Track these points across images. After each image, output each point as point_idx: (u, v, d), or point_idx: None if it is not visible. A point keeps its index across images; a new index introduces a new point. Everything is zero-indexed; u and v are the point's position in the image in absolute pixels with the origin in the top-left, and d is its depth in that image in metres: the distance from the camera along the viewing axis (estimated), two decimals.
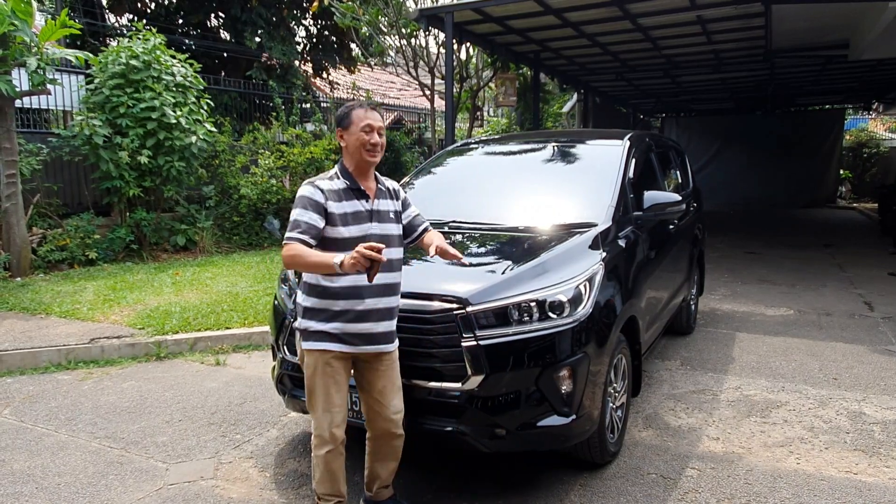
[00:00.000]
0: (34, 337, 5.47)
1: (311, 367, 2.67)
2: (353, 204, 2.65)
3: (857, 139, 21.42)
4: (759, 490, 3.20)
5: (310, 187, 2.62)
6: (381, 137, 2.69)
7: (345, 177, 2.68)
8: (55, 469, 3.52)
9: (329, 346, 2.64)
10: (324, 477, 2.73)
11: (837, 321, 6.33)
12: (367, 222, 2.66)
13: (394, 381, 2.78)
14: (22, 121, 9.36)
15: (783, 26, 9.81)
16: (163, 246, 9.44)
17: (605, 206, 3.88)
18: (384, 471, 2.91)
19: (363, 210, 2.66)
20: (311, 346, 2.66)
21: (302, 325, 2.69)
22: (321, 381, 2.66)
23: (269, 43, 13.92)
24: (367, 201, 2.69)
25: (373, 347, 2.69)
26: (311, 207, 2.57)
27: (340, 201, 2.62)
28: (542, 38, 11.13)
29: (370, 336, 2.67)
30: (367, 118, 2.66)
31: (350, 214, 2.63)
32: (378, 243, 2.35)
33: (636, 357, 3.78)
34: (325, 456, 2.70)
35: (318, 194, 2.59)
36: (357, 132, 2.64)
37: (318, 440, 2.70)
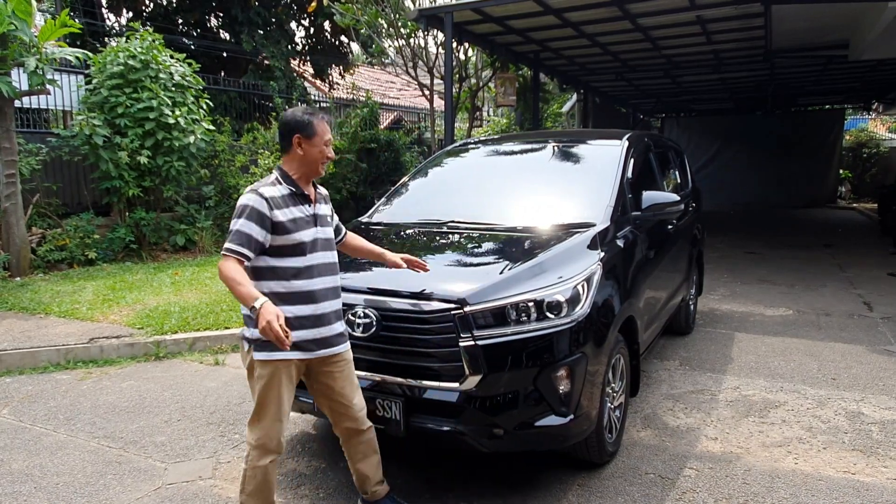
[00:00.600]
0: (33, 337, 5.47)
1: (266, 377, 2.57)
2: (300, 209, 2.62)
3: (857, 139, 21.42)
4: (756, 490, 3.20)
5: (254, 195, 2.53)
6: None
7: (288, 182, 2.63)
8: (54, 469, 3.53)
9: (290, 356, 2.57)
10: (260, 488, 2.64)
11: (836, 321, 6.33)
12: (312, 227, 2.64)
13: (352, 380, 2.79)
14: (21, 121, 9.36)
15: (783, 26, 9.81)
16: (162, 246, 9.45)
17: (603, 206, 3.88)
18: (369, 468, 2.91)
19: (307, 215, 2.64)
20: (268, 356, 2.55)
21: (254, 334, 2.53)
22: (276, 392, 2.58)
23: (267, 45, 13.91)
24: (310, 206, 2.67)
25: (328, 350, 2.67)
26: (254, 219, 2.49)
27: (287, 207, 2.57)
28: (541, 38, 11.13)
29: (326, 340, 2.65)
30: (328, 132, 2.67)
31: (297, 219, 2.59)
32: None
33: (634, 357, 3.78)
34: (268, 466, 2.63)
35: (262, 204, 2.51)
36: (320, 145, 2.63)
37: (262, 450, 2.61)
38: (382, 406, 3.03)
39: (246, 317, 2.61)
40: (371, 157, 12.20)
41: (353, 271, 3.34)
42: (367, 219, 4.50)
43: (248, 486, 2.65)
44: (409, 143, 14.50)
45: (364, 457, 2.89)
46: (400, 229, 4.16)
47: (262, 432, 2.61)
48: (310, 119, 2.64)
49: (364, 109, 12.38)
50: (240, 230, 2.48)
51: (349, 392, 2.77)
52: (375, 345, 3.06)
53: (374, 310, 3.05)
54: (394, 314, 3.03)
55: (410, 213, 4.37)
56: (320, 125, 2.64)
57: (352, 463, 2.92)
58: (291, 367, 2.61)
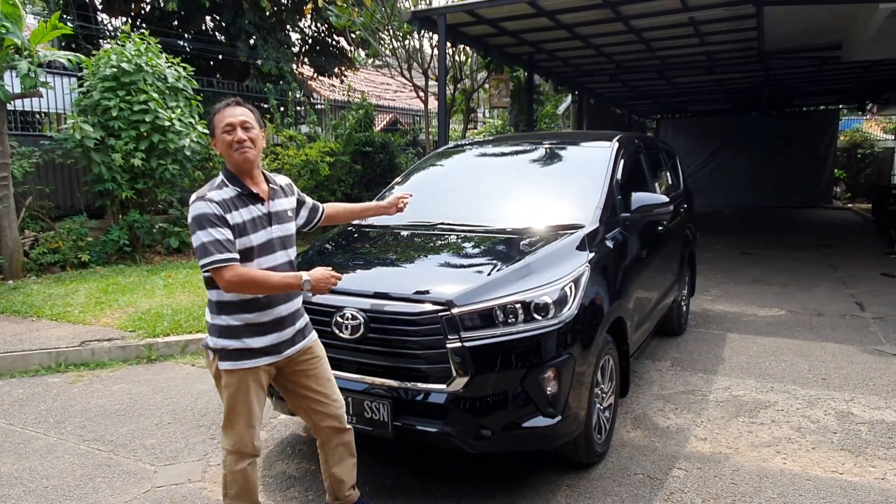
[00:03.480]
0: (25, 340, 5.46)
1: (234, 385, 2.51)
2: (249, 210, 2.48)
3: (852, 140, 21.50)
4: (744, 490, 3.21)
5: (203, 203, 2.39)
6: (250, 131, 2.49)
7: (233, 183, 2.49)
8: (43, 472, 3.52)
9: (257, 363, 2.51)
10: (243, 490, 2.61)
11: (828, 321, 6.35)
12: (266, 226, 2.53)
13: (327, 376, 2.74)
14: (14, 123, 9.35)
15: (775, 28, 9.84)
16: (156, 248, 9.44)
17: (592, 208, 3.89)
18: (345, 471, 2.85)
19: (261, 214, 2.52)
20: (234, 365, 2.49)
21: (218, 344, 2.49)
22: (245, 399, 2.52)
23: (263, 49, 13.90)
24: (263, 204, 2.54)
25: (293, 349, 2.62)
26: (219, 223, 2.37)
27: (236, 210, 2.44)
28: (535, 40, 11.15)
29: (292, 339, 2.61)
30: (224, 118, 2.48)
31: (248, 222, 2.47)
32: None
33: (624, 358, 3.79)
34: (246, 468, 2.60)
35: (214, 208, 2.38)
36: (220, 136, 2.48)
37: (238, 455, 2.57)
38: (370, 407, 3.03)
39: (210, 325, 2.55)
40: (366, 159, 12.22)
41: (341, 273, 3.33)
42: (359, 220, 4.50)
43: (230, 489, 2.63)
44: (404, 145, 14.53)
45: (341, 460, 2.83)
46: (391, 231, 4.17)
47: (235, 438, 2.56)
48: (209, 118, 2.55)
49: (359, 111, 12.40)
50: (216, 238, 2.35)
51: (326, 388, 2.72)
52: (363, 347, 3.07)
53: (361, 312, 3.05)
54: (381, 316, 3.03)
55: (402, 215, 4.35)
56: (217, 116, 2.50)
57: (327, 467, 2.84)
58: (259, 374, 2.55)
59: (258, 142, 2.53)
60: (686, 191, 6.38)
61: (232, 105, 2.52)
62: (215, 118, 2.50)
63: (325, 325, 3.16)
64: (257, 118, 2.57)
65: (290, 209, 2.67)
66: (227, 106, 2.52)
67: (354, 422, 3.04)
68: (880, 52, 9.62)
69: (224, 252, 2.36)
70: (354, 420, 3.04)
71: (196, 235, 2.38)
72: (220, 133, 2.48)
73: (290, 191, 2.74)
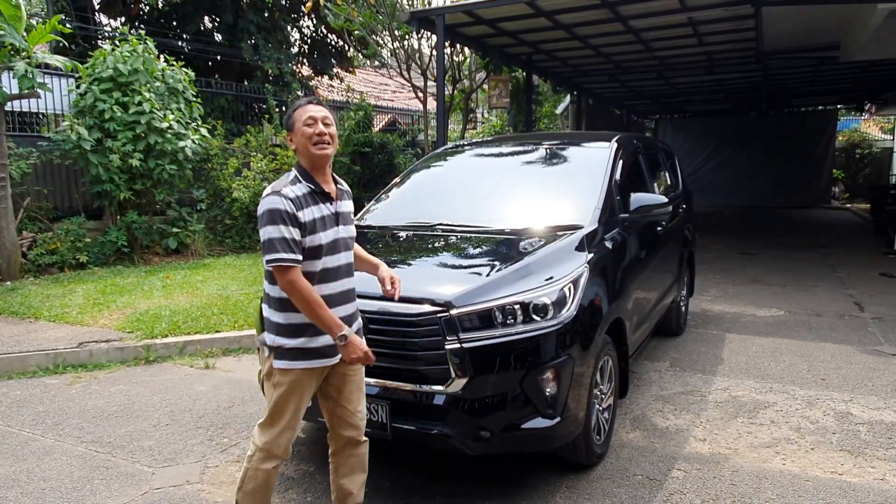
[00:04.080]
0: (22, 341, 5.45)
1: (286, 385, 2.48)
2: (320, 208, 2.47)
3: (851, 140, 21.52)
4: (744, 491, 3.21)
5: (276, 198, 2.37)
6: (330, 128, 2.50)
7: (306, 180, 2.48)
8: (40, 474, 3.51)
9: (313, 364, 2.49)
10: (259, 489, 2.59)
11: (827, 322, 6.34)
12: (333, 226, 2.51)
13: (360, 386, 2.71)
14: (13, 124, 9.33)
15: (774, 28, 9.85)
16: (154, 249, 9.43)
17: (591, 208, 3.88)
18: (354, 485, 2.79)
19: (329, 214, 2.51)
20: (290, 365, 2.46)
21: (276, 342, 2.48)
22: (293, 401, 2.50)
23: (265, 50, 13.89)
24: (331, 204, 2.53)
25: None
26: (288, 221, 2.36)
27: (307, 207, 2.43)
28: (534, 40, 11.15)
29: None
30: (307, 111, 2.48)
31: (318, 219, 2.46)
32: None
33: (623, 359, 3.79)
34: (271, 471, 2.58)
35: (288, 205, 2.37)
36: (301, 128, 2.46)
37: (267, 454, 2.55)
38: (369, 409, 3.01)
39: (269, 322, 2.51)
40: (365, 160, 12.21)
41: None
42: (357, 221, 4.49)
43: (246, 485, 2.61)
44: (403, 146, 14.51)
45: (351, 472, 2.78)
46: (389, 231, 4.16)
47: (270, 437, 2.54)
48: (289, 112, 2.55)
49: (358, 112, 12.39)
50: (279, 237, 2.34)
51: (356, 398, 2.69)
52: None
53: (360, 313, 3.04)
54: (380, 317, 3.02)
55: (400, 216, 4.37)
56: (298, 110, 2.51)
57: (336, 477, 2.79)
58: (313, 376, 2.53)
59: (335, 141, 2.54)
60: (685, 191, 6.38)
61: (314, 103, 2.54)
62: (296, 112, 2.51)
63: None
64: (335, 119, 2.59)
65: (352, 212, 2.69)
66: (310, 102, 2.54)
67: None
68: (879, 52, 9.63)
69: (289, 252, 2.35)
70: None
71: (265, 230, 2.37)
72: (301, 125, 2.47)
73: (350, 197, 2.73)
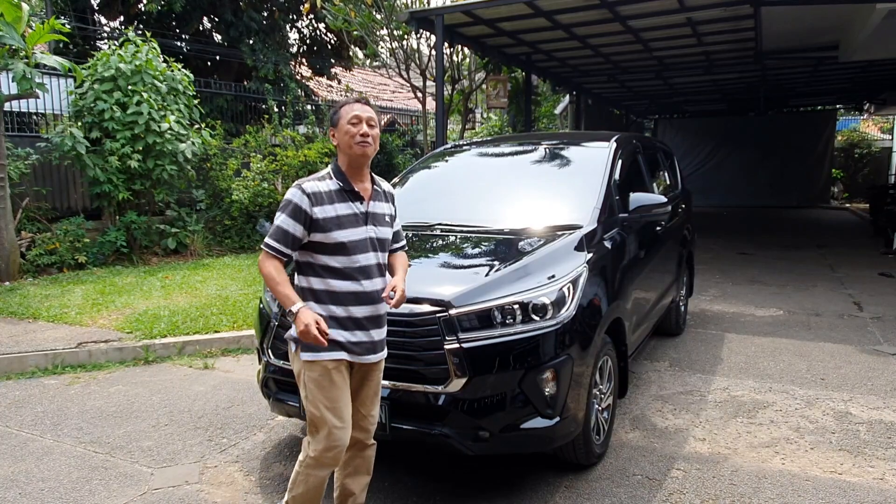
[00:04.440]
0: (21, 341, 5.44)
1: (315, 379, 2.47)
2: (347, 206, 2.49)
3: (849, 140, 21.53)
4: (743, 491, 3.20)
5: (295, 190, 2.47)
6: (373, 129, 2.52)
7: (338, 177, 2.52)
8: (39, 474, 3.50)
9: (336, 356, 2.47)
10: (307, 497, 2.58)
11: (826, 321, 6.35)
12: (361, 226, 2.51)
13: (377, 390, 2.69)
14: (11, 124, 9.32)
15: (773, 28, 9.85)
16: (153, 249, 9.41)
17: (590, 208, 3.88)
18: (357, 485, 2.77)
19: (357, 213, 2.51)
20: (313, 356, 2.46)
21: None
22: (327, 396, 2.46)
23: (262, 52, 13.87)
24: (362, 203, 2.53)
25: (376, 356, 2.58)
26: (291, 214, 2.43)
27: (331, 203, 2.46)
28: (533, 41, 11.15)
29: (373, 345, 2.55)
30: (353, 109, 2.51)
31: (343, 217, 2.47)
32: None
33: (622, 358, 3.78)
34: (322, 478, 2.56)
35: (302, 199, 2.43)
36: (345, 126, 2.49)
37: (316, 462, 2.52)
38: None
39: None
40: None
41: None
42: None
43: (296, 489, 2.59)
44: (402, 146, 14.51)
45: (356, 473, 2.76)
46: None
47: (317, 445, 2.49)
48: (336, 108, 2.57)
49: None
50: (279, 226, 2.45)
51: (370, 402, 2.67)
52: None
53: None
54: None
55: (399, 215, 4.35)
56: (344, 108, 2.53)
57: (340, 475, 2.77)
58: (341, 368, 2.51)
59: (377, 143, 2.56)
60: (684, 191, 6.38)
61: (361, 102, 2.56)
62: (342, 109, 2.53)
63: None
64: (379, 121, 2.62)
65: (388, 214, 2.65)
66: (356, 101, 2.56)
67: None
68: (877, 51, 9.64)
69: (279, 242, 2.46)
70: None
71: (277, 215, 2.48)
72: (346, 123, 2.50)
73: (391, 199, 2.72)
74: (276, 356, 3.36)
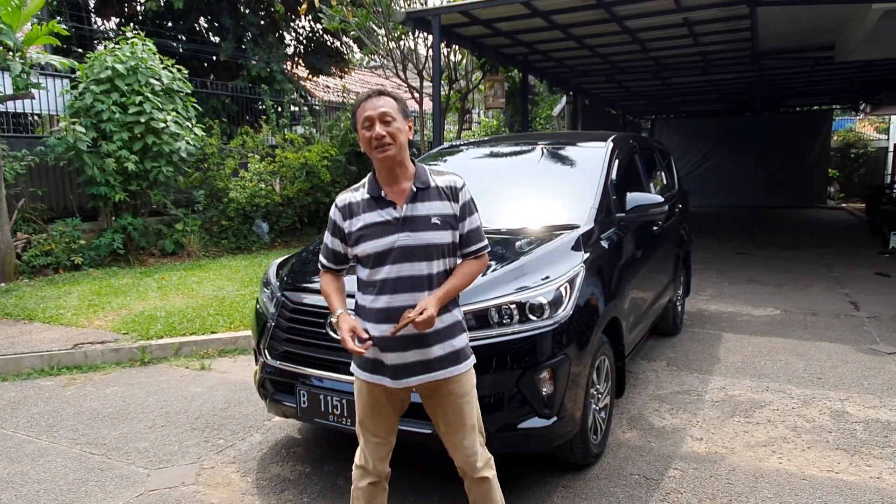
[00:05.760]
0: (17, 343, 5.42)
1: (356, 392, 2.42)
2: (377, 214, 2.27)
3: (846, 140, 21.59)
4: (740, 490, 3.21)
5: (333, 206, 2.38)
6: (390, 124, 2.23)
7: (369, 185, 2.32)
8: (35, 476, 3.49)
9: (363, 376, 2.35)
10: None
11: (823, 321, 6.35)
12: (393, 234, 2.23)
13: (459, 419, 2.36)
14: (6, 125, 9.29)
15: (769, 28, 9.87)
16: (150, 250, 9.40)
17: (587, 208, 3.88)
18: None
19: (388, 219, 2.25)
20: (356, 372, 2.38)
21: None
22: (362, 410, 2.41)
23: (254, 51, 13.85)
24: (395, 208, 2.26)
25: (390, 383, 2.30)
26: (330, 230, 2.39)
27: (360, 214, 2.28)
28: (530, 41, 11.15)
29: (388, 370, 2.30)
30: (364, 111, 2.25)
31: (370, 227, 2.26)
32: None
33: (620, 358, 3.79)
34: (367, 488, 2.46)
35: (336, 214, 2.35)
36: (360, 132, 2.27)
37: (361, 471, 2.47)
38: None
39: None
40: (361, 160, 12.18)
41: None
42: None
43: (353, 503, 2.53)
44: None
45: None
46: None
47: (360, 452, 2.47)
48: (353, 110, 2.34)
49: None
50: (325, 245, 2.42)
51: (452, 431, 2.38)
52: None
53: None
54: None
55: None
56: (357, 110, 2.29)
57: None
58: (374, 390, 2.35)
59: (399, 136, 2.25)
60: (681, 191, 6.38)
61: (374, 96, 2.28)
62: (356, 112, 2.29)
63: (319, 326, 3.15)
64: (401, 107, 2.29)
65: (437, 215, 2.27)
66: (368, 97, 2.28)
67: (349, 423, 3.02)
68: (874, 52, 9.65)
69: (325, 259, 2.45)
70: (349, 422, 3.02)
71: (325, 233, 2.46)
72: (360, 129, 2.27)
73: (449, 195, 2.31)
74: (273, 357, 3.36)
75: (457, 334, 2.34)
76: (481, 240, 2.38)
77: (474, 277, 2.38)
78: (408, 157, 2.32)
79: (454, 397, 2.35)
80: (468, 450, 2.39)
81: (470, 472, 2.42)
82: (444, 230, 2.27)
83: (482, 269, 2.42)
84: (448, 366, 2.31)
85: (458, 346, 2.34)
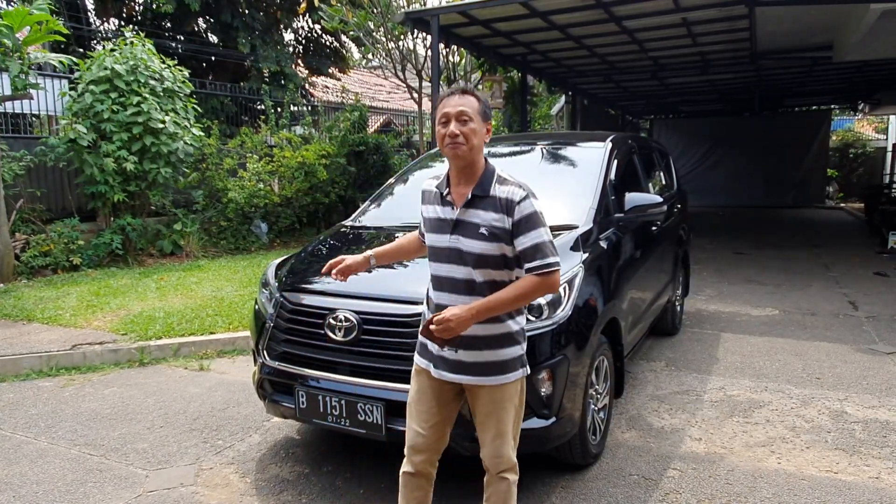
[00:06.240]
0: (15, 343, 5.42)
1: (411, 377, 2.48)
2: (437, 209, 2.34)
3: (844, 140, 21.63)
4: (739, 490, 3.21)
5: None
6: (467, 124, 2.21)
7: (444, 178, 2.38)
8: (33, 477, 3.49)
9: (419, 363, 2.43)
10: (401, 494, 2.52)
11: (822, 321, 6.36)
12: (446, 233, 2.28)
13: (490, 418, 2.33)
14: (5, 126, 9.28)
15: (767, 28, 9.89)
16: (148, 251, 9.39)
17: (586, 208, 3.88)
18: None
19: (445, 218, 2.29)
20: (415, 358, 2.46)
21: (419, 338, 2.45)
22: (411, 395, 2.46)
23: (263, 49, 13.85)
24: (453, 209, 2.28)
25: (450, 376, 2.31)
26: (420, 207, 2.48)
27: (429, 204, 2.39)
28: (529, 41, 11.16)
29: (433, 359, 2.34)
30: (444, 106, 2.25)
31: (434, 221, 2.34)
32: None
33: (619, 358, 3.78)
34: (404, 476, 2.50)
35: (420, 197, 2.47)
36: (437, 127, 2.28)
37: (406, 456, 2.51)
38: (363, 410, 3.00)
39: None
40: (360, 161, 12.19)
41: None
42: (353, 222, 4.49)
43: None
44: (398, 147, 14.49)
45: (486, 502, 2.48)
46: (385, 232, 4.14)
47: (406, 436, 2.49)
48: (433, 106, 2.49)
49: (353, 113, 12.37)
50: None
51: (483, 429, 2.37)
52: (356, 349, 3.05)
53: (354, 314, 3.04)
54: (374, 318, 3.02)
55: (395, 216, 4.35)
56: (438, 105, 2.31)
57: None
58: (424, 376, 2.40)
59: (473, 137, 2.22)
60: (680, 191, 6.39)
61: (457, 94, 2.27)
62: (437, 106, 2.32)
63: (318, 327, 3.15)
64: (482, 109, 2.27)
65: (486, 226, 2.21)
66: (451, 94, 2.28)
67: (347, 424, 3.02)
68: (872, 51, 9.66)
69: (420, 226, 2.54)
70: (347, 423, 3.03)
71: None
72: (438, 124, 2.28)
73: (504, 208, 2.22)
74: (272, 357, 3.35)
75: (504, 346, 2.28)
76: (545, 256, 2.19)
77: (527, 295, 2.22)
78: (480, 160, 2.29)
79: (492, 402, 2.32)
80: (496, 450, 2.36)
81: (492, 469, 2.41)
82: (491, 242, 2.21)
83: (543, 288, 2.22)
84: (486, 374, 2.28)
85: (502, 359, 2.28)
